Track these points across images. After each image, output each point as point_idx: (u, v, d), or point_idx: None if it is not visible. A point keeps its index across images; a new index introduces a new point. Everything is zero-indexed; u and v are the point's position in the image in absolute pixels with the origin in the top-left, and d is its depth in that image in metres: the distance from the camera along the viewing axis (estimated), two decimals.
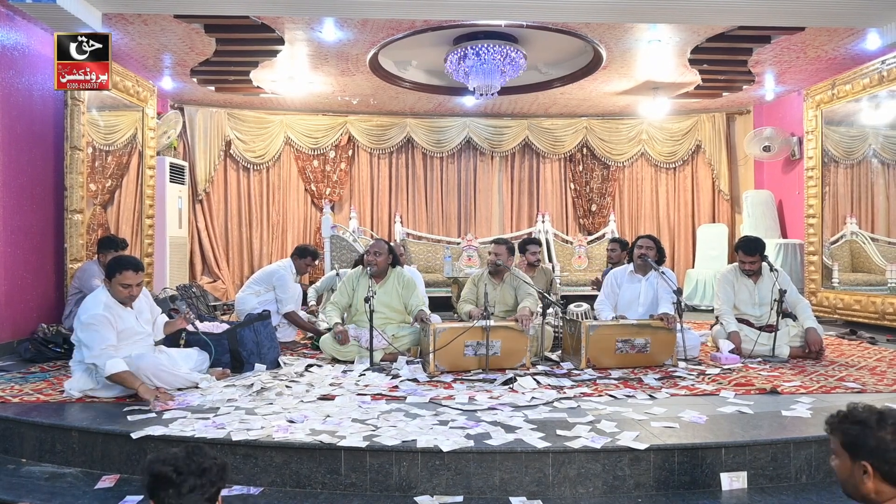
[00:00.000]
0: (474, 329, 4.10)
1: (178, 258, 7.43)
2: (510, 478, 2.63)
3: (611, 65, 6.53)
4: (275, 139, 8.46)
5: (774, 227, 7.88)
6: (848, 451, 1.65)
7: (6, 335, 4.84)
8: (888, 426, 1.61)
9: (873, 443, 1.61)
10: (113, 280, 3.47)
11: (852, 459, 1.64)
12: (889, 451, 1.58)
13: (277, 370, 4.18)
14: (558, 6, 4.70)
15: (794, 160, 7.72)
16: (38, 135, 5.22)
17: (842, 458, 1.67)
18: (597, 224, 8.87)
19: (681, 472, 2.67)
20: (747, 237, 4.90)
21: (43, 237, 5.26)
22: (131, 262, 3.55)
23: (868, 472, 1.60)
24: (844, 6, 4.66)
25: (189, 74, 6.73)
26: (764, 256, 4.73)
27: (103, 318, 3.38)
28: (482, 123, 8.73)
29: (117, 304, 3.50)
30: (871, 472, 1.59)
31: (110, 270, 3.50)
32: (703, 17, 5.02)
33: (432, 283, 7.43)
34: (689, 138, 8.78)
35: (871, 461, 1.60)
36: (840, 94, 6.32)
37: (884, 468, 1.58)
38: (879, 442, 1.60)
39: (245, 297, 5.34)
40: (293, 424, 2.91)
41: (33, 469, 2.92)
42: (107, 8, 4.59)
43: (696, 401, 3.39)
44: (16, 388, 3.66)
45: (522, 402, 3.31)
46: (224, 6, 4.65)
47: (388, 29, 5.58)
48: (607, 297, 4.89)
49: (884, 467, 1.58)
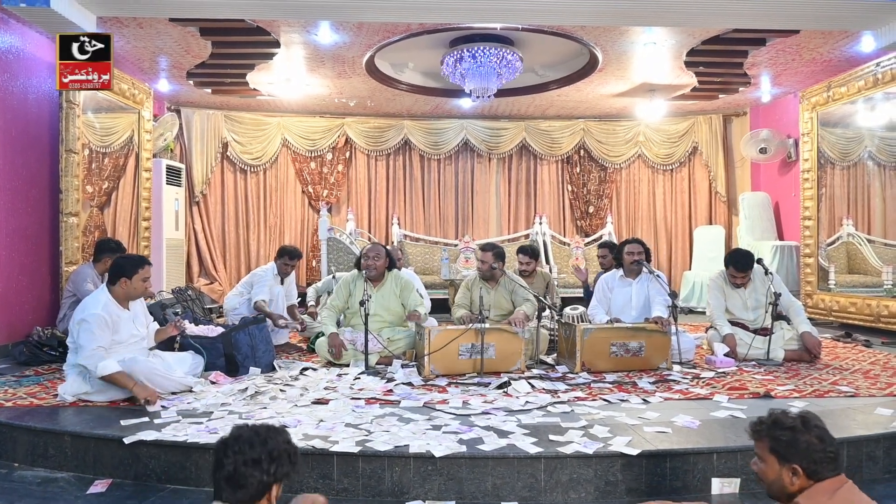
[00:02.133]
0: (469, 332, 4.10)
1: (174, 260, 7.42)
2: (502, 483, 2.63)
3: (607, 67, 6.54)
4: (272, 141, 8.46)
5: (771, 228, 7.89)
6: (777, 454, 1.80)
7: (1, 338, 4.84)
8: (812, 429, 1.79)
9: (803, 446, 1.77)
10: (134, 277, 3.52)
11: (781, 463, 1.79)
12: (816, 452, 1.76)
13: (272, 374, 4.18)
14: (553, 10, 4.69)
15: (790, 162, 7.73)
16: (34, 138, 5.22)
17: (769, 463, 1.82)
18: (594, 226, 8.88)
19: (673, 477, 2.67)
20: (738, 251, 4.89)
21: (38, 240, 5.26)
22: (145, 258, 3.76)
23: (799, 473, 1.76)
24: (838, 9, 4.66)
25: (185, 77, 6.73)
26: (759, 260, 4.74)
27: (101, 319, 3.38)
28: (479, 125, 8.73)
29: (117, 305, 3.51)
30: (801, 473, 1.76)
31: (129, 269, 3.53)
32: (698, 21, 5.03)
33: (429, 285, 7.42)
34: (686, 140, 8.79)
35: (800, 463, 1.76)
36: (835, 96, 6.33)
37: (811, 467, 1.76)
38: (808, 444, 1.77)
39: (230, 298, 5.56)
40: (286, 429, 2.90)
41: (26, 474, 2.91)
42: (101, 11, 4.59)
43: (690, 405, 3.39)
44: (9, 392, 3.66)
45: (516, 407, 3.31)
46: (218, 10, 4.64)
47: (384, 32, 5.58)
48: (600, 303, 4.89)
49: (811, 467, 1.76)
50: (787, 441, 1.79)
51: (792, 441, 1.78)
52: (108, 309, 3.45)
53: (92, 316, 3.37)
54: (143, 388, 3.34)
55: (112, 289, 3.52)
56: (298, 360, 4.75)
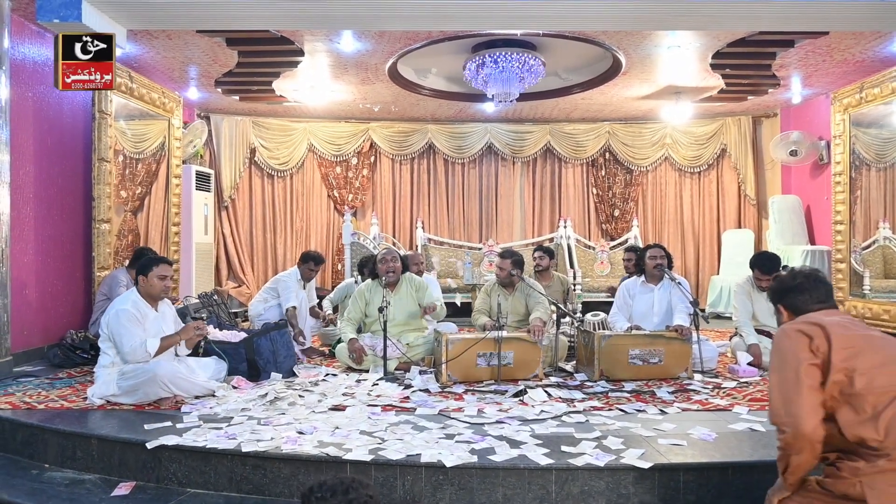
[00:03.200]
0: (487, 340, 4.11)
1: (203, 264, 7.60)
2: (513, 493, 2.64)
3: (631, 70, 6.48)
4: (298, 146, 8.59)
5: (802, 233, 7.71)
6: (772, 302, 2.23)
7: (37, 341, 5.02)
8: (796, 275, 2.14)
9: (778, 286, 2.19)
10: (150, 274, 3.69)
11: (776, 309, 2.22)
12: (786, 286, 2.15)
13: (293, 379, 4.26)
14: (574, 15, 4.67)
15: (822, 164, 7.54)
16: (68, 147, 5.40)
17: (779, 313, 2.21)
18: (619, 229, 8.79)
19: (686, 491, 2.65)
20: (764, 254, 4.83)
21: (73, 246, 5.45)
22: (164, 258, 3.98)
23: (781, 311, 2.17)
24: (868, 10, 4.53)
25: (213, 85, 6.88)
26: (784, 267, 4.64)
27: (129, 314, 3.58)
28: (503, 129, 8.72)
29: (145, 304, 3.69)
30: (783, 310, 2.16)
31: (145, 267, 3.72)
32: (722, 24, 4.94)
33: (453, 289, 7.47)
34: (714, 142, 8.63)
35: (781, 302, 2.16)
36: (868, 97, 6.15)
37: (790, 303, 2.13)
38: (781, 282, 2.18)
39: (254, 304, 5.61)
40: (302, 436, 2.97)
41: (55, 475, 3.04)
42: (131, 25, 4.73)
43: (708, 416, 3.35)
44: (42, 395, 3.81)
45: (531, 416, 3.32)
46: (244, 21, 4.74)
47: (406, 39, 5.63)
48: (620, 310, 4.86)
49: (789, 302, 2.13)
50: (773, 288, 2.22)
51: (775, 286, 2.21)
52: (137, 306, 3.66)
53: (121, 311, 3.58)
54: (185, 331, 3.72)
55: (138, 288, 3.74)
56: (321, 364, 4.83)
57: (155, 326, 3.70)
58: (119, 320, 3.56)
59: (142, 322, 3.63)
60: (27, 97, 4.93)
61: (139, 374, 3.51)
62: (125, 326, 3.55)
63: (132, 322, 3.57)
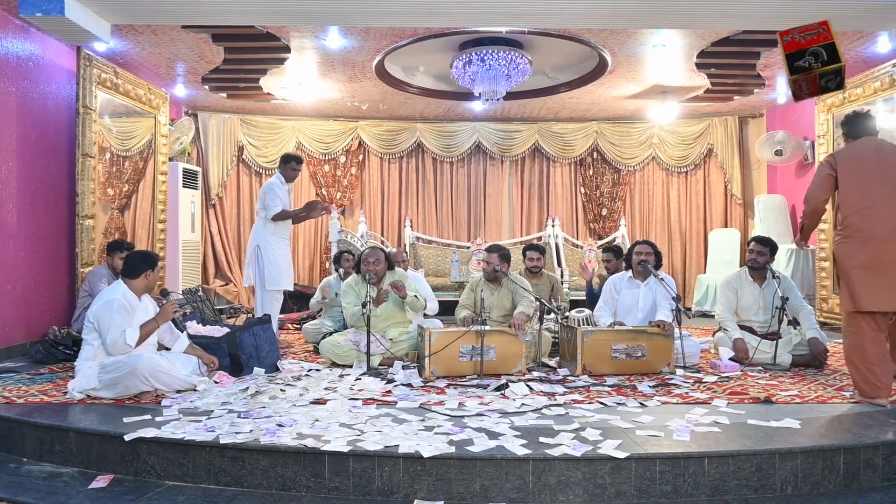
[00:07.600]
0: (470, 334, 4.12)
1: (190, 262, 7.57)
2: (491, 484, 2.65)
3: (617, 69, 6.51)
4: (286, 144, 8.57)
5: (787, 231, 7.76)
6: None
7: (20, 337, 4.99)
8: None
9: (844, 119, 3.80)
10: (151, 273, 3.82)
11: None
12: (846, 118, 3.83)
13: (276, 374, 4.25)
14: (558, 13, 4.70)
15: (806, 164, 7.61)
16: (52, 142, 5.37)
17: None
18: (607, 228, 8.83)
19: (662, 481, 2.67)
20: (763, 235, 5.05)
21: (56, 242, 5.41)
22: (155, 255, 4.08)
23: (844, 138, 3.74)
24: (852, 10, 4.58)
25: (200, 82, 6.87)
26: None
27: (120, 304, 3.64)
28: (492, 128, 8.75)
29: (133, 296, 3.76)
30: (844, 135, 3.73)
31: (147, 264, 3.81)
32: (704, 22, 4.98)
33: (441, 287, 7.47)
34: (701, 142, 8.69)
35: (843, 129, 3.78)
36: (851, 97, 6.22)
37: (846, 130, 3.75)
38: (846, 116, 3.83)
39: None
40: (281, 428, 2.97)
41: (33, 468, 3.02)
42: (115, 19, 4.71)
43: (688, 409, 3.37)
44: (22, 389, 3.78)
45: (511, 409, 3.33)
46: (228, 17, 4.73)
47: (392, 36, 5.64)
48: (606, 304, 4.88)
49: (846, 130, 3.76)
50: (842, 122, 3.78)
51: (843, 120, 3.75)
52: (126, 297, 3.72)
53: (112, 301, 3.63)
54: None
55: (132, 282, 3.78)
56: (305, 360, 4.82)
57: (140, 317, 3.76)
58: (110, 309, 3.60)
59: (130, 313, 3.69)
60: (10, 92, 4.90)
61: (120, 367, 3.50)
62: (113, 317, 3.58)
63: (121, 312, 3.62)
